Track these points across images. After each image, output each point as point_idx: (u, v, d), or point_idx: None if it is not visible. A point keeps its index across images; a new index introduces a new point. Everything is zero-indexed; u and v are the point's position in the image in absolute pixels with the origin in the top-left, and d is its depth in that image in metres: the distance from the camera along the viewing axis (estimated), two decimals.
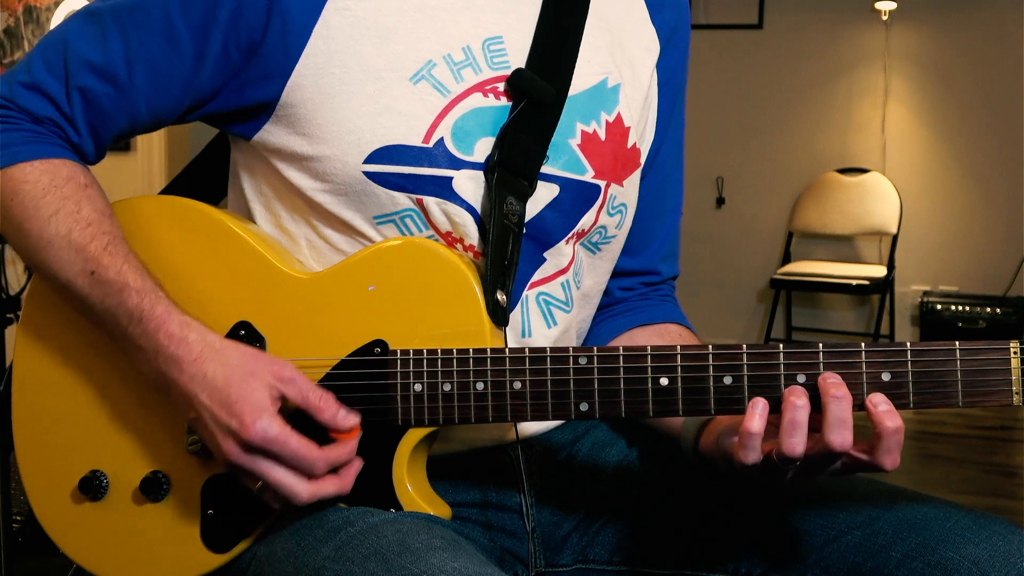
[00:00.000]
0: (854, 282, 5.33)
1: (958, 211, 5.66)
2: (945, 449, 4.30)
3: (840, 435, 0.96)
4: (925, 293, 5.61)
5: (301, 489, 1.01)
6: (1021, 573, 1.00)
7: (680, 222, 1.35)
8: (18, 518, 2.44)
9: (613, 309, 1.30)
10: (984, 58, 5.48)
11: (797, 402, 0.97)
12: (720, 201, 5.96)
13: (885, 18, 5.62)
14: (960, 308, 5.40)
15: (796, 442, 0.96)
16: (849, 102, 5.77)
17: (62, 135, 1.11)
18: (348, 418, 1.03)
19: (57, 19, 4.02)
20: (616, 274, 1.29)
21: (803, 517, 1.13)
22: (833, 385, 0.97)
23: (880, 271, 5.48)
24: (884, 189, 5.62)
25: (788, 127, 5.86)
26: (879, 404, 0.98)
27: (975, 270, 5.60)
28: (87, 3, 1.13)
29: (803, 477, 1.01)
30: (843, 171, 5.74)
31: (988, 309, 5.35)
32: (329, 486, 1.02)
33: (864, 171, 5.70)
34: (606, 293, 1.30)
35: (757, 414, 0.98)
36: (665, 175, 1.29)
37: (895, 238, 5.57)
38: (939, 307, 5.44)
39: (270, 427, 0.99)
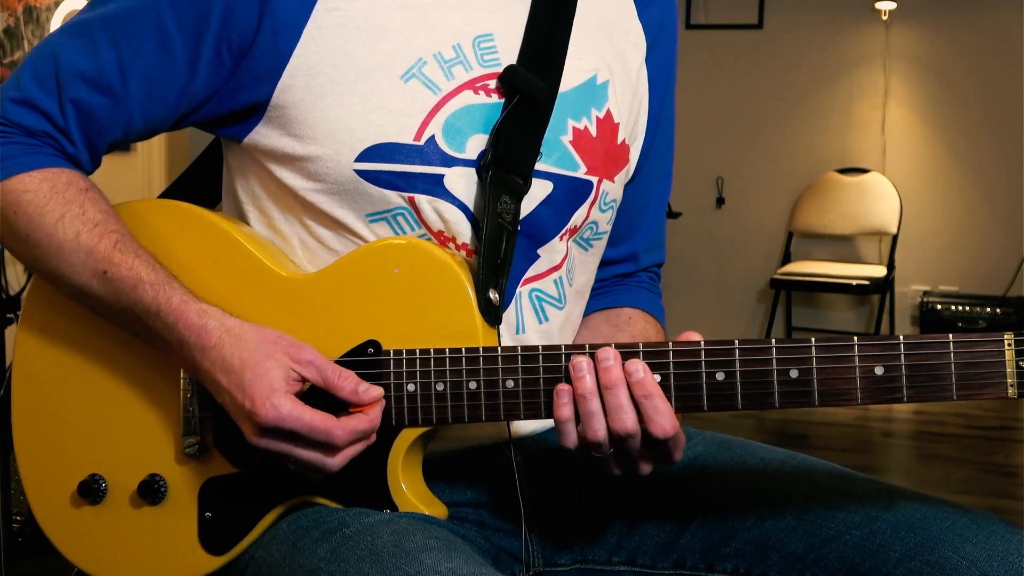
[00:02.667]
0: (854, 282, 5.33)
1: (958, 211, 5.66)
2: (945, 449, 4.30)
3: (620, 421, 0.99)
4: (925, 293, 5.61)
5: (329, 460, 1.01)
6: (1020, 573, 1.00)
7: (665, 211, 1.35)
8: (18, 518, 2.44)
9: None
10: (984, 58, 5.48)
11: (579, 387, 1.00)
12: (720, 201, 5.96)
13: (885, 18, 5.62)
14: (960, 308, 5.40)
15: (596, 428, 1.00)
16: (849, 102, 5.77)
17: (57, 147, 1.10)
18: (368, 392, 1.03)
19: (57, 19, 4.02)
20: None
21: (802, 517, 1.13)
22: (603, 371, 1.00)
23: (880, 271, 5.48)
24: (884, 189, 5.62)
25: (788, 127, 5.86)
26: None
27: (975, 270, 5.60)
28: (77, 10, 1.12)
29: (627, 463, 1.04)
30: (843, 171, 5.74)
31: (988, 309, 5.35)
32: (357, 445, 1.03)
33: (864, 171, 5.70)
34: None
35: (563, 403, 1.01)
36: (650, 171, 1.29)
37: (895, 238, 5.58)
38: (939, 307, 5.45)
39: (281, 406, 0.99)
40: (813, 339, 0.99)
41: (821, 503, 1.13)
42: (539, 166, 1.12)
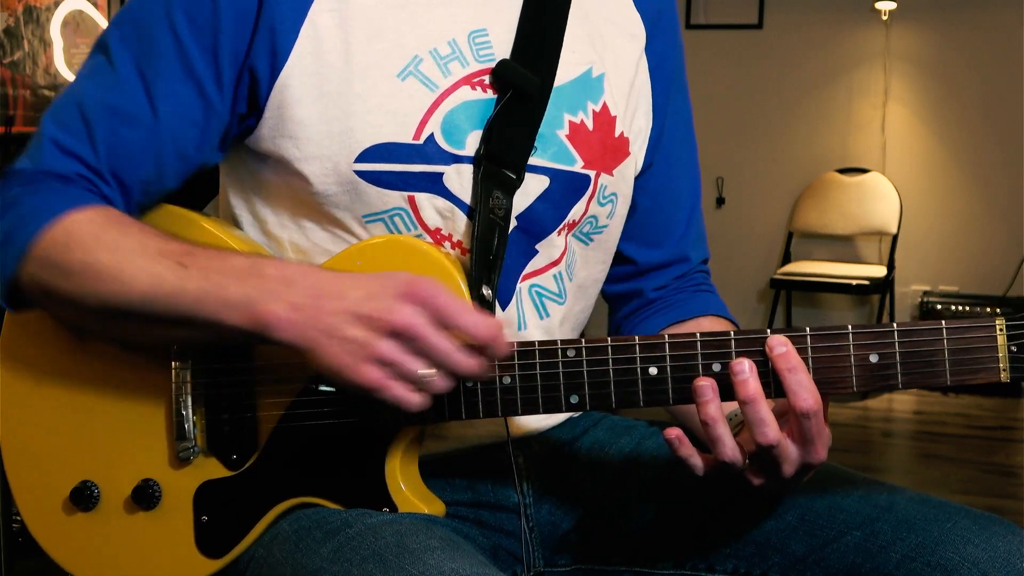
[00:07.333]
0: (854, 282, 5.33)
1: (958, 211, 5.66)
2: (945, 449, 4.30)
3: (764, 432, 0.96)
4: (925, 293, 5.62)
5: (418, 394, 0.94)
6: (1021, 573, 1.00)
7: (700, 203, 1.33)
8: (18, 518, 2.44)
9: (648, 309, 1.30)
10: (984, 58, 5.48)
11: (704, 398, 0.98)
12: (720, 201, 5.96)
13: (885, 18, 5.63)
14: (960, 308, 5.40)
15: (721, 452, 0.98)
16: (849, 102, 5.77)
17: (94, 189, 1.06)
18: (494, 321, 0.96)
19: (57, 19, 4.01)
20: (646, 271, 1.29)
21: (803, 517, 1.12)
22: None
23: (880, 271, 5.48)
24: (884, 189, 5.62)
25: (788, 127, 5.86)
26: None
27: (975, 270, 5.61)
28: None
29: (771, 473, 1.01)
30: (843, 171, 5.74)
31: (988, 309, 5.35)
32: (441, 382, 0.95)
33: (864, 171, 5.70)
34: (639, 295, 1.29)
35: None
36: (673, 161, 1.28)
37: (895, 238, 5.58)
38: (939, 307, 5.45)
39: (415, 313, 0.93)
40: (808, 328, 0.99)
41: (822, 504, 1.12)
42: (535, 161, 1.12)
